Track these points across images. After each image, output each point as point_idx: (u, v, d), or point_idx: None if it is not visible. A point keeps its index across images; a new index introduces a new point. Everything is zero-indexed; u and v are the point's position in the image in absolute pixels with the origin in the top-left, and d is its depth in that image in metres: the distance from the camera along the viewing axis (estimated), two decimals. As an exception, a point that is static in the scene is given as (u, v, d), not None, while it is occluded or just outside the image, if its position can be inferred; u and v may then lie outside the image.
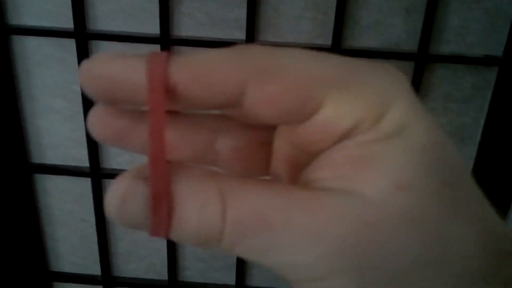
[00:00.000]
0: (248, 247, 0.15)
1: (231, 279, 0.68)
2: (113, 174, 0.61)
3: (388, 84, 0.16)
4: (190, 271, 0.69)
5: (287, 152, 0.18)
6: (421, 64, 0.52)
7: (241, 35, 0.52)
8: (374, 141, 0.15)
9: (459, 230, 0.15)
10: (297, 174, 0.17)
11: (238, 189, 0.15)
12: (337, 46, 0.52)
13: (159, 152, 0.15)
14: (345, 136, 0.15)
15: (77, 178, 0.62)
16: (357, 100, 0.15)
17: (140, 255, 0.68)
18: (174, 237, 0.15)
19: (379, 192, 0.14)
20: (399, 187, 0.15)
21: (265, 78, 0.15)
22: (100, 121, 0.17)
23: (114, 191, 0.15)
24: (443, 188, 0.15)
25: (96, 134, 0.18)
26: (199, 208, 0.15)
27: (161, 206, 0.15)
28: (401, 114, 0.15)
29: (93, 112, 0.18)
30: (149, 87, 0.15)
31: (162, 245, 0.66)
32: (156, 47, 0.53)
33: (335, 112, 0.15)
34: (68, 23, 0.53)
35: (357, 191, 0.15)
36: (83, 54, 0.54)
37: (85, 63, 0.16)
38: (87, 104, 0.57)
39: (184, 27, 0.53)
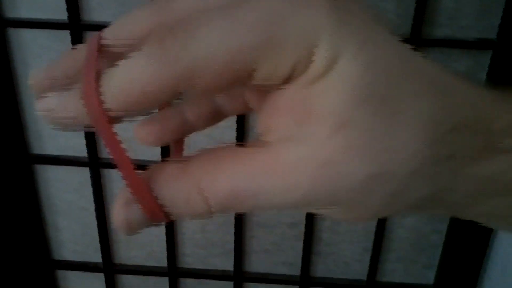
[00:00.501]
0: (235, 211, 0.17)
1: (229, 265, 0.69)
2: (111, 164, 0.62)
3: (310, 17, 0.16)
4: (189, 258, 0.70)
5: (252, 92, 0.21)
6: (414, 48, 0.52)
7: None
8: (311, 81, 0.16)
9: (402, 135, 0.16)
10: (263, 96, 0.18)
11: (211, 176, 0.17)
12: (330, 32, 0.52)
13: (127, 169, 0.17)
14: (288, 80, 0.16)
15: (77, 168, 0.63)
16: (283, 51, 0.15)
17: (140, 242, 0.69)
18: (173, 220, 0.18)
19: (321, 133, 0.16)
20: (339, 126, 0.16)
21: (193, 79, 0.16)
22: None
23: (117, 221, 0.18)
24: (375, 116, 0.16)
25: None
26: (184, 204, 0.17)
27: (157, 213, 0.17)
28: (328, 48, 0.16)
29: None
30: (91, 117, 0.16)
31: (161, 232, 0.67)
32: (150, 36, 0.54)
33: (267, 72, 0.16)
34: (62, 14, 0.54)
35: (303, 136, 0.16)
36: (77, 44, 0.54)
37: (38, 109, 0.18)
38: (84, 94, 0.57)
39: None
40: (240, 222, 0.65)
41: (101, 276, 0.71)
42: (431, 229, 0.65)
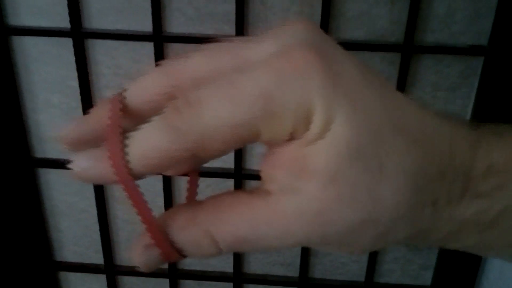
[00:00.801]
0: (241, 251, 0.20)
1: (228, 267, 0.70)
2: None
3: (305, 87, 0.18)
4: (189, 259, 0.71)
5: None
6: (407, 54, 0.53)
7: (230, 29, 0.54)
8: (309, 142, 0.18)
9: (387, 187, 0.19)
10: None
11: (219, 224, 0.20)
12: (324, 38, 0.53)
13: (148, 220, 0.20)
14: (290, 139, 0.19)
15: (78, 171, 0.64)
16: (282, 120, 0.18)
17: (141, 244, 0.70)
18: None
19: (316, 187, 0.18)
20: (330, 181, 0.18)
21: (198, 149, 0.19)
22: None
23: (139, 262, 0.20)
24: (364, 172, 0.18)
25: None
26: (196, 248, 0.20)
27: (172, 255, 0.20)
28: (323, 114, 0.18)
29: None
30: (118, 177, 0.19)
31: (161, 234, 0.68)
32: (150, 44, 0.55)
33: (269, 136, 0.19)
34: (64, 21, 0.55)
35: (300, 189, 0.19)
36: (79, 51, 0.56)
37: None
38: (84, 98, 0.59)
39: (174, 23, 0.55)
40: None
41: (102, 277, 0.73)
42: (427, 231, 0.66)
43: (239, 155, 0.61)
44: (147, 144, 0.19)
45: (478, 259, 0.65)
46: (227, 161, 0.61)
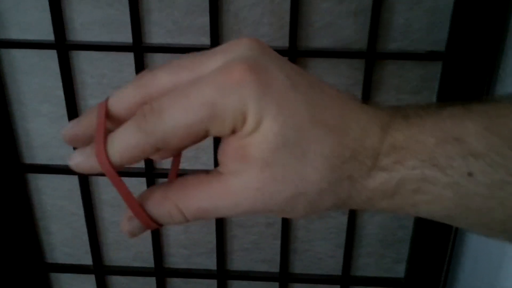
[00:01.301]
0: (204, 219, 0.26)
1: (212, 264, 0.74)
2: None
3: (241, 95, 0.23)
4: (174, 258, 0.74)
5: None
6: (370, 61, 0.57)
7: (207, 40, 0.58)
8: (246, 135, 0.24)
9: (310, 168, 0.24)
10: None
11: (185, 199, 0.25)
12: (294, 47, 0.57)
13: (129, 199, 0.25)
14: (233, 133, 0.24)
15: (66, 175, 0.68)
16: (224, 120, 0.23)
17: (128, 244, 0.74)
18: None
19: (254, 170, 0.24)
20: (265, 165, 0.24)
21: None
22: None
23: (124, 230, 0.27)
24: (290, 157, 0.24)
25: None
26: (168, 218, 0.26)
27: (150, 224, 0.26)
28: (254, 114, 0.23)
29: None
30: (103, 168, 0.25)
31: (147, 234, 0.71)
32: (130, 55, 0.58)
33: (215, 132, 0.24)
34: (49, 35, 0.58)
35: (242, 171, 0.24)
36: (63, 62, 0.59)
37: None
38: (70, 107, 0.62)
39: (154, 35, 0.58)
40: (221, 222, 0.70)
41: (92, 277, 0.76)
42: (398, 225, 0.70)
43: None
44: (123, 142, 0.24)
45: (446, 250, 0.69)
46: (207, 164, 0.65)
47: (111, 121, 0.26)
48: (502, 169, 0.23)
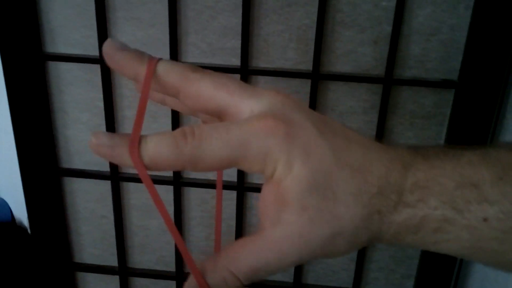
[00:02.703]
0: (259, 278, 0.27)
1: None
2: (129, 178, 0.72)
3: (268, 143, 0.25)
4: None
5: None
6: (387, 86, 0.62)
7: (237, 61, 0.63)
8: (278, 181, 0.26)
9: (342, 206, 0.26)
10: None
11: (235, 261, 0.26)
12: (317, 71, 0.62)
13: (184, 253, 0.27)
14: (262, 172, 0.26)
15: (99, 180, 0.73)
16: (252, 163, 0.26)
17: (152, 248, 0.78)
18: None
19: (293, 215, 0.26)
20: (301, 208, 0.26)
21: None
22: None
23: None
24: (323, 199, 0.26)
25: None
26: (224, 283, 0.27)
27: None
28: (283, 162, 0.26)
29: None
30: (134, 165, 0.25)
31: (171, 240, 0.76)
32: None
33: (244, 169, 0.26)
34: (94, 51, 0.64)
35: (283, 219, 0.26)
36: (106, 76, 0.65)
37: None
38: (108, 117, 0.67)
39: (190, 55, 0.64)
40: (240, 230, 0.75)
41: (116, 278, 0.80)
42: (408, 243, 0.74)
43: (242, 170, 0.69)
44: (156, 150, 0.25)
45: (453, 268, 0.72)
46: (231, 175, 0.70)
47: (155, 83, 0.28)
48: None
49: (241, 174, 0.69)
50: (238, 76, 0.62)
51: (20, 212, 0.83)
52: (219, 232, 0.33)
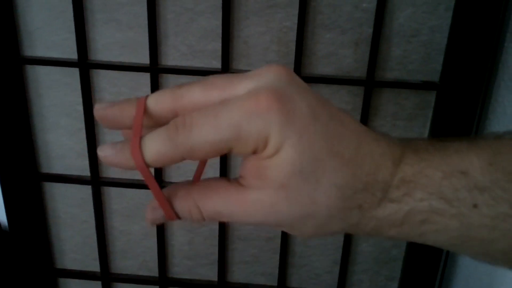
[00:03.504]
0: (217, 221, 0.28)
1: (214, 275, 0.77)
2: (110, 182, 0.71)
3: (264, 121, 0.25)
4: (178, 268, 0.78)
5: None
6: (369, 88, 0.62)
7: (218, 64, 0.62)
8: (265, 157, 0.26)
9: (322, 194, 0.26)
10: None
11: (205, 200, 0.27)
12: (298, 73, 0.61)
13: (158, 193, 0.28)
14: (254, 153, 0.26)
15: (80, 185, 0.72)
16: (247, 142, 0.25)
17: (134, 253, 0.77)
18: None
19: (270, 189, 0.26)
20: (280, 186, 0.26)
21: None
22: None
23: (148, 218, 0.29)
24: (304, 182, 0.26)
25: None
26: (188, 213, 0.28)
27: (172, 216, 0.29)
28: (275, 140, 0.25)
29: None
30: (137, 166, 0.27)
31: (153, 244, 0.75)
32: (146, 75, 0.63)
33: (238, 151, 0.26)
34: (72, 53, 0.63)
35: (260, 187, 0.26)
36: (85, 79, 0.64)
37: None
38: (88, 121, 0.66)
39: (169, 57, 0.63)
40: (223, 235, 0.74)
41: (98, 283, 0.79)
42: (392, 244, 0.74)
43: (224, 168, 0.68)
44: (154, 147, 0.26)
45: (436, 270, 0.72)
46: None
47: (147, 117, 0.28)
48: (505, 203, 0.25)
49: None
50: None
51: None
52: (201, 168, 0.32)
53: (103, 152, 0.27)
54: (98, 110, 0.29)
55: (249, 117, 0.25)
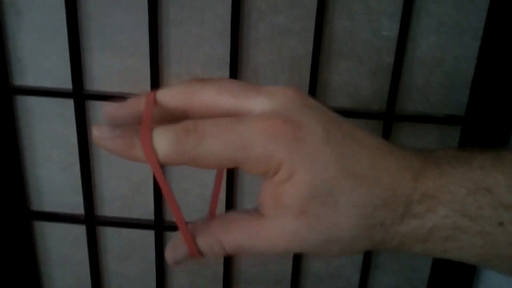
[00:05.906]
0: (241, 254, 0.27)
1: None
2: (105, 222, 0.65)
3: (271, 147, 0.25)
4: (181, 282, 0.72)
5: None
6: (389, 122, 0.57)
7: (224, 94, 0.57)
8: (279, 183, 0.25)
9: (341, 216, 0.25)
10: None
11: (225, 235, 0.27)
12: (311, 105, 0.57)
13: (181, 225, 0.27)
14: (265, 176, 0.26)
15: (73, 224, 0.66)
16: (255, 164, 0.25)
17: (131, 296, 0.72)
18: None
19: (289, 217, 0.26)
20: (299, 213, 0.25)
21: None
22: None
23: (170, 257, 0.29)
24: (323, 206, 0.25)
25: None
26: (210, 249, 0.28)
27: (195, 254, 0.28)
28: (287, 166, 0.25)
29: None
30: (147, 158, 0.25)
31: (150, 285, 0.70)
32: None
33: (245, 169, 0.26)
34: (67, 83, 0.58)
35: (279, 215, 0.26)
36: (80, 111, 0.59)
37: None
38: (83, 155, 0.61)
39: (172, 87, 0.58)
40: (228, 278, 0.68)
41: (91, 328, 0.73)
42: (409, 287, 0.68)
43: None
44: (160, 146, 0.25)
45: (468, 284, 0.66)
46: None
47: (156, 108, 0.28)
48: None
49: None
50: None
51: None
52: (216, 197, 0.32)
53: (99, 132, 0.26)
54: (106, 111, 0.28)
55: (263, 139, 0.25)
